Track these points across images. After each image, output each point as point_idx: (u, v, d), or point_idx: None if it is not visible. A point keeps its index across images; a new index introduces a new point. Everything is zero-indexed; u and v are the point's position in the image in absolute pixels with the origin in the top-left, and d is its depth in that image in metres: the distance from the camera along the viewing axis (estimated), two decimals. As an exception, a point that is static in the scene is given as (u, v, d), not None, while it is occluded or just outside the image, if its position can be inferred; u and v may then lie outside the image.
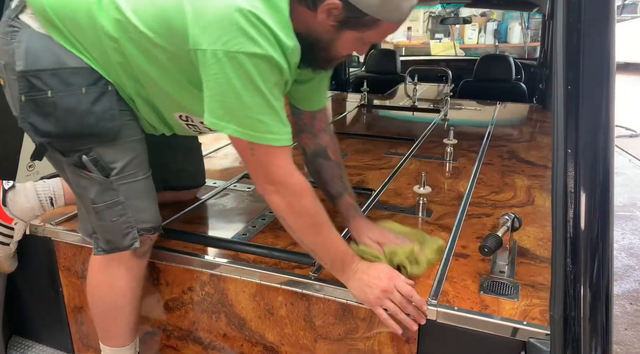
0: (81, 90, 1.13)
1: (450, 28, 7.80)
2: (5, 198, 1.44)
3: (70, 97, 1.13)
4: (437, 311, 1.11)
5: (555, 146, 0.90)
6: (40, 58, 1.12)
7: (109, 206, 1.21)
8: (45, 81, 1.11)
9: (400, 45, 7.82)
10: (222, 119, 1.03)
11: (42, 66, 1.11)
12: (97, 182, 1.19)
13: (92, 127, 1.15)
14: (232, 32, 0.97)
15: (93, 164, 1.18)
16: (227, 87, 1.00)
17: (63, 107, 1.13)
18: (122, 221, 1.23)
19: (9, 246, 1.49)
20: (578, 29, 0.87)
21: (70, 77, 1.13)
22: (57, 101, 1.12)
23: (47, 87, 1.11)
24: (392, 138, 2.55)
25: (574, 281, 0.89)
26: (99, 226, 1.24)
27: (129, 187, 1.22)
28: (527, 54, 6.72)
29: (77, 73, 1.14)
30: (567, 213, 0.89)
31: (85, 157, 1.17)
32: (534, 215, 1.59)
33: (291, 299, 1.27)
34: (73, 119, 1.14)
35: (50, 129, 1.14)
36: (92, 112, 1.14)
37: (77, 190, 1.24)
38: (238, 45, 0.97)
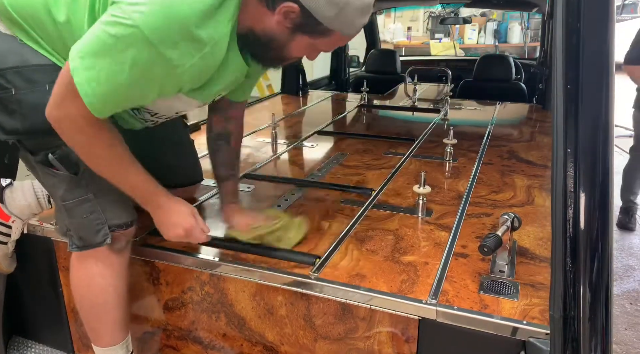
0: (45, 87, 1.13)
1: (450, 28, 7.80)
2: (3, 195, 1.45)
3: (34, 94, 1.14)
4: (437, 310, 1.11)
5: (555, 146, 0.90)
6: (5, 57, 1.14)
7: (79, 204, 1.22)
8: (8, 79, 1.13)
9: (400, 45, 7.82)
10: (79, 56, 0.99)
11: (5, 65, 1.13)
12: (65, 179, 1.20)
13: None
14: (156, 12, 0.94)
15: (59, 161, 1.18)
16: (114, 46, 0.96)
17: (27, 103, 1.14)
18: (93, 218, 1.24)
19: (6, 245, 1.49)
20: (578, 28, 0.87)
21: (34, 74, 1.15)
22: (21, 98, 1.14)
23: (11, 84, 1.13)
24: (392, 138, 2.55)
25: (574, 281, 0.89)
26: (70, 223, 1.25)
27: (99, 184, 1.21)
28: (527, 54, 6.73)
29: (40, 70, 1.15)
30: (566, 213, 0.89)
31: (50, 155, 1.17)
32: (534, 215, 1.59)
33: (291, 299, 1.27)
34: (38, 116, 1.10)
35: (17, 126, 1.15)
36: None
37: (48, 189, 1.27)
38: (144, 23, 0.94)
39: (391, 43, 7.76)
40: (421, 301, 1.14)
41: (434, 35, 8.18)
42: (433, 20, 8.16)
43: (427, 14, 8.27)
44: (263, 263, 1.31)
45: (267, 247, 1.37)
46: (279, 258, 1.32)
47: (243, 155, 2.27)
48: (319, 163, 2.16)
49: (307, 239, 1.43)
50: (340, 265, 1.29)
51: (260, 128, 2.73)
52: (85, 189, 1.22)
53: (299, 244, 1.38)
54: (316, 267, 1.27)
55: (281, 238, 1.37)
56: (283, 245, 1.36)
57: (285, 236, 1.37)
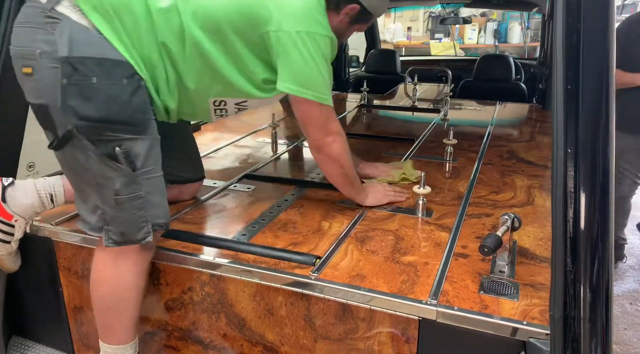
0: (122, 81, 1.22)
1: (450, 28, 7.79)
2: (5, 194, 1.44)
3: (113, 86, 1.20)
4: (437, 311, 1.11)
5: (555, 146, 0.90)
6: (84, 47, 1.18)
7: (131, 199, 1.26)
8: (90, 68, 1.17)
9: (400, 45, 7.81)
10: (303, 86, 1.34)
11: (86, 54, 1.18)
12: (125, 174, 1.23)
13: (129, 117, 1.23)
14: (310, 19, 1.31)
15: (124, 156, 1.22)
16: (308, 60, 1.31)
17: (106, 93, 1.19)
18: (140, 215, 1.27)
19: (10, 245, 1.49)
20: (578, 28, 0.88)
21: (114, 68, 1.21)
22: (100, 87, 1.18)
23: (93, 73, 1.18)
24: (392, 139, 2.56)
25: (574, 281, 0.89)
26: (115, 218, 1.27)
27: (150, 182, 1.29)
28: (527, 54, 6.72)
29: (118, 65, 1.22)
30: (567, 213, 0.89)
31: (118, 149, 1.22)
32: (534, 215, 1.59)
33: (291, 300, 1.27)
34: (114, 106, 1.20)
35: (90, 113, 1.18)
36: (131, 103, 1.23)
37: (101, 181, 1.25)
38: (315, 28, 1.31)
39: (391, 43, 7.75)
40: (421, 301, 1.13)
41: (434, 35, 8.16)
42: (433, 20, 8.15)
43: (427, 14, 8.26)
44: (263, 263, 1.31)
45: (267, 247, 1.37)
46: (279, 258, 1.32)
47: (243, 155, 2.28)
48: (319, 163, 2.16)
49: (307, 239, 1.43)
50: (341, 266, 1.29)
51: (260, 128, 2.73)
52: (139, 186, 1.26)
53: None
54: (316, 267, 1.27)
55: (407, 175, 1.86)
56: (410, 178, 1.86)
57: (409, 173, 1.87)
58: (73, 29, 1.18)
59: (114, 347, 1.36)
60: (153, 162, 1.29)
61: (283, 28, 1.28)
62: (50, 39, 1.16)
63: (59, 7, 1.19)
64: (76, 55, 1.16)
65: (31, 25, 1.19)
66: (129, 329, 1.36)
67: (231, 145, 2.45)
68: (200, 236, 1.47)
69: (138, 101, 1.25)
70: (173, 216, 1.60)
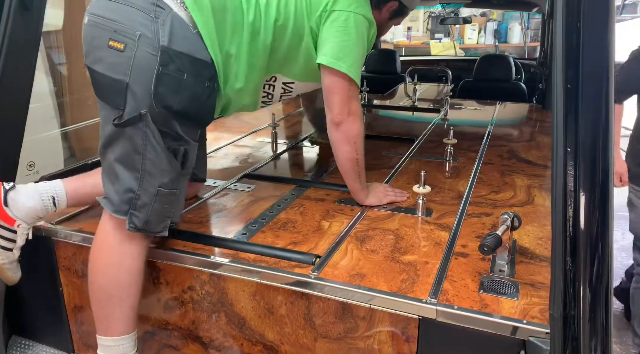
0: (205, 83, 1.30)
1: (450, 28, 7.79)
2: (7, 198, 1.41)
3: (197, 85, 1.28)
4: (437, 310, 1.11)
5: (555, 145, 0.91)
6: (181, 42, 1.24)
7: (170, 194, 1.32)
8: (184, 63, 1.24)
9: (400, 45, 7.81)
10: (339, 59, 1.42)
11: (183, 49, 1.24)
12: (175, 171, 1.30)
13: (201, 117, 1.34)
14: (358, 1, 1.44)
15: (183, 155, 1.31)
16: (349, 36, 1.42)
17: (191, 90, 1.26)
18: (167, 209, 1.33)
19: (12, 252, 1.44)
20: (578, 28, 0.88)
21: (202, 69, 1.29)
22: (188, 85, 1.25)
23: (185, 69, 1.24)
24: (392, 138, 2.56)
25: (574, 280, 0.89)
26: (146, 206, 1.30)
27: (184, 184, 1.39)
28: (527, 54, 6.72)
29: (205, 67, 1.30)
30: (566, 212, 0.89)
31: (182, 149, 1.30)
32: (534, 214, 1.59)
33: (291, 299, 1.27)
34: (194, 104, 1.29)
35: (172, 104, 1.24)
36: (207, 105, 1.33)
37: (152, 170, 1.27)
38: (363, 11, 1.45)
39: (391, 43, 7.75)
40: (421, 300, 1.14)
41: (434, 35, 8.17)
42: (433, 20, 8.15)
43: (427, 14, 8.26)
44: (263, 262, 1.31)
45: (267, 247, 1.37)
46: (278, 257, 1.32)
47: (243, 155, 2.28)
48: (319, 163, 2.17)
49: (307, 238, 1.43)
50: (340, 265, 1.29)
51: (260, 128, 2.73)
52: (179, 184, 1.34)
53: None
54: (316, 267, 1.27)
55: None
56: None
57: None
58: (174, 21, 1.23)
59: (115, 339, 1.34)
60: (190, 166, 1.37)
61: (336, 7, 1.41)
62: (152, 27, 1.21)
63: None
64: (175, 48, 1.22)
65: (134, 6, 1.22)
66: (128, 319, 1.35)
67: (231, 145, 2.45)
68: (200, 236, 1.47)
69: (211, 104, 1.34)
70: (173, 215, 1.60)
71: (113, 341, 1.35)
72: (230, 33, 1.34)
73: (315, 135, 2.52)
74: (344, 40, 1.42)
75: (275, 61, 1.47)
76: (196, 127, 1.35)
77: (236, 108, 1.53)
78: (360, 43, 1.45)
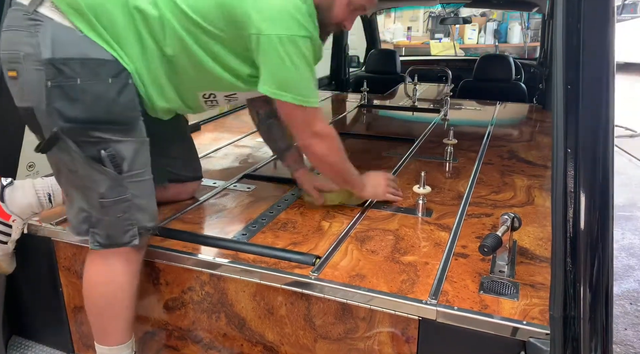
0: (108, 80, 1.21)
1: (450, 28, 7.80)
2: (3, 194, 1.45)
3: (98, 85, 1.20)
4: (437, 310, 1.11)
5: (555, 146, 0.90)
6: (67, 48, 1.17)
7: (117, 202, 1.25)
8: (74, 69, 1.17)
9: (400, 45, 7.82)
10: (282, 88, 1.30)
11: (69, 55, 1.17)
12: (110, 177, 1.23)
13: (117, 115, 1.23)
14: (289, 20, 1.25)
15: (109, 159, 1.22)
16: (288, 63, 1.26)
17: (92, 93, 1.19)
18: (125, 218, 1.27)
19: (7, 245, 1.48)
20: (578, 28, 0.87)
21: (98, 67, 1.20)
22: (86, 88, 1.18)
23: (76, 74, 1.17)
24: (392, 138, 2.55)
25: (574, 281, 0.89)
26: (100, 221, 1.27)
27: (137, 185, 1.28)
28: (527, 54, 6.72)
29: (103, 64, 1.21)
30: (567, 213, 0.89)
31: (103, 152, 1.21)
32: (534, 215, 1.59)
33: (291, 299, 1.27)
34: (100, 106, 1.20)
35: (76, 114, 1.18)
36: (118, 102, 1.23)
37: (87, 184, 1.25)
38: (295, 30, 1.25)
39: (391, 43, 7.75)
40: (421, 301, 1.14)
41: (434, 35, 8.17)
42: (433, 20, 8.15)
43: (427, 14, 8.26)
44: (263, 263, 1.31)
45: (267, 247, 1.37)
46: (278, 258, 1.32)
47: (243, 155, 2.28)
48: (319, 163, 2.16)
49: (307, 239, 1.43)
50: (340, 265, 1.29)
51: (260, 128, 2.73)
52: (125, 189, 1.26)
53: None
54: (316, 267, 1.27)
55: (351, 195, 1.64)
56: (354, 202, 1.66)
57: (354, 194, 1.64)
58: (56, 30, 1.17)
59: (112, 348, 1.35)
60: (140, 165, 1.28)
61: (263, 31, 1.24)
62: (33, 42, 1.16)
63: (41, 8, 1.18)
64: (59, 56, 1.16)
65: (15, 28, 1.18)
66: (124, 329, 1.35)
67: (231, 145, 2.45)
68: (200, 236, 1.47)
69: (125, 99, 1.24)
70: (173, 216, 1.60)
71: (109, 350, 1.36)
72: (125, 36, 1.25)
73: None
74: (282, 68, 1.28)
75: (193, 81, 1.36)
76: (118, 127, 1.24)
77: (174, 112, 1.46)
78: (302, 64, 1.29)
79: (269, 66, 1.28)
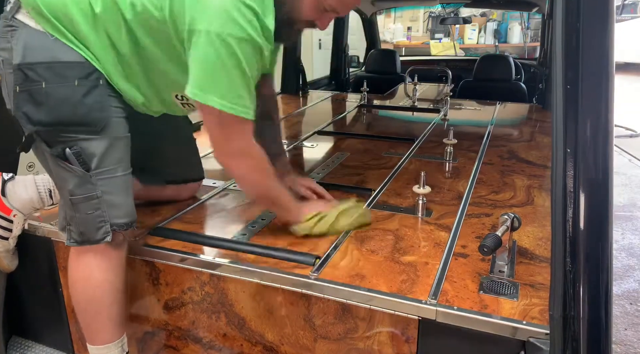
0: (74, 83, 1.20)
1: (450, 28, 7.80)
2: (5, 188, 1.46)
3: (63, 88, 1.20)
4: (437, 310, 1.11)
5: (554, 145, 0.90)
6: (36, 53, 1.19)
7: (85, 199, 1.25)
8: (39, 73, 1.18)
9: (400, 45, 7.82)
10: (206, 91, 1.17)
11: (37, 60, 1.18)
12: (77, 175, 1.24)
13: (82, 117, 1.22)
14: (225, 17, 1.11)
15: (75, 157, 1.22)
16: (216, 64, 1.14)
17: (56, 97, 1.19)
18: (97, 215, 1.27)
19: (7, 241, 1.49)
20: (577, 28, 0.87)
21: (64, 70, 1.20)
22: (50, 91, 1.18)
23: (41, 78, 1.18)
24: (392, 138, 2.55)
25: (574, 281, 0.89)
26: (73, 218, 1.28)
27: (107, 182, 1.27)
28: (527, 54, 6.72)
29: (71, 67, 1.21)
30: (566, 213, 0.89)
31: (68, 150, 1.22)
32: (534, 215, 1.59)
33: (291, 299, 1.27)
34: (65, 109, 1.20)
35: (41, 118, 1.20)
36: (84, 103, 1.21)
37: (58, 182, 1.29)
38: (229, 29, 1.11)
39: (391, 43, 7.76)
40: (421, 301, 1.14)
41: (434, 35, 8.17)
42: (433, 20, 8.15)
43: (427, 14, 8.26)
44: (263, 263, 1.31)
45: (267, 247, 1.37)
46: (278, 258, 1.32)
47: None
48: (319, 163, 2.16)
49: (307, 239, 1.43)
50: (340, 265, 1.29)
51: (260, 128, 2.73)
52: (94, 186, 1.25)
53: (360, 228, 1.48)
54: (316, 267, 1.27)
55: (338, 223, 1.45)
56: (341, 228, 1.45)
57: (345, 221, 1.46)
58: (29, 35, 1.19)
59: (99, 348, 1.35)
60: (113, 161, 1.27)
61: (197, 26, 1.13)
62: (8, 47, 1.19)
63: (18, 14, 1.20)
64: (28, 61, 1.18)
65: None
66: (110, 328, 1.34)
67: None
68: (200, 236, 1.47)
69: (92, 101, 1.23)
70: (173, 216, 1.60)
71: (97, 349, 1.36)
72: (92, 39, 1.22)
73: None
74: (208, 67, 1.15)
75: (160, 81, 1.31)
76: (86, 128, 1.23)
77: (157, 111, 1.42)
78: (233, 67, 1.14)
79: (196, 64, 1.16)
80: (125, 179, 1.31)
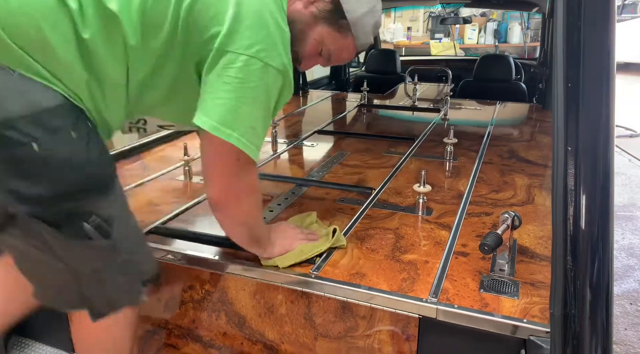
0: (71, 135, 0.94)
1: (450, 28, 7.80)
2: None
3: (61, 147, 0.93)
4: (437, 309, 1.11)
5: (555, 145, 0.90)
6: (7, 102, 0.88)
7: (112, 269, 1.08)
8: (23, 131, 0.88)
9: (400, 45, 7.82)
10: (228, 126, 0.99)
11: (13, 113, 0.88)
12: (99, 247, 1.02)
13: (94, 176, 0.99)
14: (268, 43, 0.98)
15: (96, 230, 0.99)
16: (246, 91, 0.99)
17: (57, 159, 0.92)
18: (127, 280, 1.12)
19: None
20: (578, 28, 0.87)
21: (52, 119, 0.92)
22: (47, 155, 0.91)
23: (29, 138, 0.88)
24: (392, 138, 2.56)
25: (574, 279, 0.89)
26: (98, 291, 1.09)
27: (129, 241, 1.10)
28: (527, 54, 6.72)
29: (56, 112, 0.92)
30: (567, 212, 0.89)
31: (86, 225, 0.97)
32: (534, 214, 1.59)
33: (291, 298, 1.27)
34: (71, 173, 0.95)
35: (40, 192, 0.91)
36: (90, 160, 0.98)
37: (70, 263, 1.03)
38: (270, 58, 0.98)
39: (391, 43, 7.76)
40: (421, 299, 1.14)
41: (434, 35, 8.17)
42: (433, 20, 8.16)
43: (427, 14, 8.27)
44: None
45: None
46: None
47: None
48: (319, 162, 2.17)
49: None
50: (341, 264, 1.29)
51: (261, 128, 2.73)
52: (120, 250, 1.06)
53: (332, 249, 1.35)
54: (316, 265, 1.27)
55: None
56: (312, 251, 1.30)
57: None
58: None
59: None
60: (126, 212, 1.10)
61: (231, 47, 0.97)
62: None
63: None
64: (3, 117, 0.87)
65: None
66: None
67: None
68: (201, 235, 1.47)
69: (97, 152, 0.99)
70: (173, 214, 1.60)
71: None
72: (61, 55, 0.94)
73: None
74: (239, 97, 0.98)
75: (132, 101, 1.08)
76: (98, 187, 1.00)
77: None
78: (263, 100, 1.01)
79: (222, 93, 0.98)
80: (137, 225, 1.16)
